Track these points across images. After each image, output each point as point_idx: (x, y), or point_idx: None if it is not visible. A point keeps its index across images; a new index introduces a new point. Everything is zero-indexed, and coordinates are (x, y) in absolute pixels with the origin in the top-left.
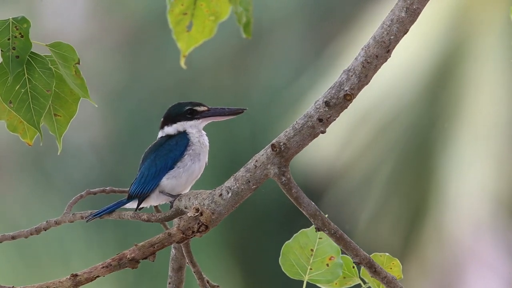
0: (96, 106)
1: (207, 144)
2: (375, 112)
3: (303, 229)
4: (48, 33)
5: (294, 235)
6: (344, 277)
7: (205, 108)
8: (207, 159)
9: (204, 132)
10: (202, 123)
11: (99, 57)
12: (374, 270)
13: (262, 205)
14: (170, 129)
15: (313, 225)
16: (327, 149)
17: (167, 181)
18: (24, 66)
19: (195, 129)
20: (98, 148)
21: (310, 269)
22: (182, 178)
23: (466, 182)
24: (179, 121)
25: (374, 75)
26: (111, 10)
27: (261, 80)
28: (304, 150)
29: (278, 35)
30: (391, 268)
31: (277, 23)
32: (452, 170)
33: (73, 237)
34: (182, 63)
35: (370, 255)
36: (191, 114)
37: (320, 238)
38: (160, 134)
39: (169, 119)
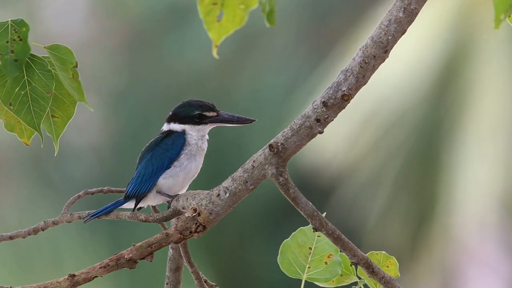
0: (93, 110)
1: (205, 148)
2: (382, 112)
3: (302, 227)
4: (48, 35)
5: (292, 233)
6: (342, 275)
7: (214, 114)
8: (202, 161)
9: (207, 137)
10: (209, 127)
11: (99, 59)
12: (371, 270)
13: (255, 206)
14: (176, 127)
15: (310, 225)
16: (334, 149)
17: (164, 181)
18: (24, 68)
19: (201, 132)
20: (99, 150)
21: (309, 267)
22: (179, 177)
23: (472, 181)
24: (187, 123)
25: (377, 75)
26: (112, 12)
27: (262, 83)
28: (312, 150)
29: (279, 37)
30: (387, 267)
31: (277, 25)
32: (459, 169)
33: (67, 239)
34: (215, 53)
35: (367, 254)
36: (199, 118)
37: (318, 236)
38: (165, 127)
39: (177, 118)
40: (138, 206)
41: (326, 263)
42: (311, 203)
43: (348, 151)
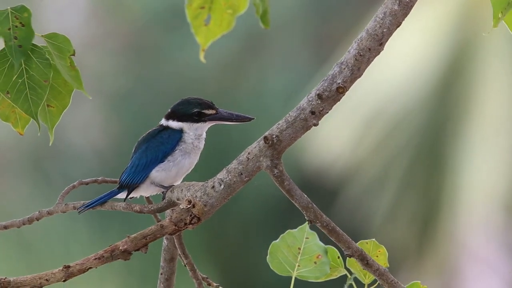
0: (90, 98)
1: (201, 147)
2: (386, 112)
3: (290, 230)
4: None
5: (281, 235)
6: (330, 268)
7: (213, 112)
8: (197, 158)
9: (204, 135)
10: (207, 125)
11: (102, 60)
12: (366, 262)
13: (257, 205)
14: (174, 124)
15: (300, 226)
16: (339, 150)
17: (156, 173)
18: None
19: (199, 131)
20: (100, 151)
21: (298, 266)
22: (172, 172)
23: (476, 182)
24: (185, 121)
25: (381, 75)
26: (114, 13)
27: (264, 85)
28: (316, 151)
29: (282, 39)
30: (377, 256)
31: (281, 27)
32: (463, 170)
33: (75, 235)
34: (202, 57)
35: (357, 243)
36: (198, 116)
37: (307, 238)
38: (162, 122)
39: (175, 115)
40: (131, 196)
41: (315, 262)
42: (306, 196)
43: (352, 152)
